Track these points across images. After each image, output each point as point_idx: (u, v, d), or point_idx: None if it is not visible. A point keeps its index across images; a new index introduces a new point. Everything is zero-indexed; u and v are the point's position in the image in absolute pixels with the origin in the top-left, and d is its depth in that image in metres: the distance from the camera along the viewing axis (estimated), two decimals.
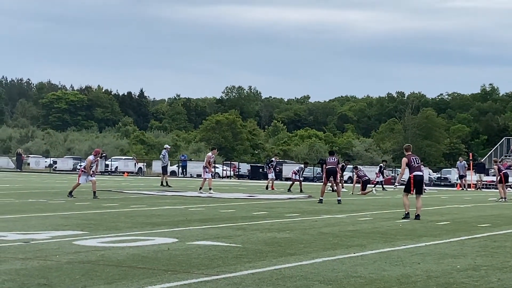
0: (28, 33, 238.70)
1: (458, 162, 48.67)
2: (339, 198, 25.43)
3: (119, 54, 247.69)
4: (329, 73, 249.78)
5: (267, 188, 36.83)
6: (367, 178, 36.18)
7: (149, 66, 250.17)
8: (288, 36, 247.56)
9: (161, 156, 40.32)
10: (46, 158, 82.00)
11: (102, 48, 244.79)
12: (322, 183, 27.00)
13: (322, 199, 25.24)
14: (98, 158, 26.01)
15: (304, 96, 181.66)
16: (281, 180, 57.75)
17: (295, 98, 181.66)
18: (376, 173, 41.59)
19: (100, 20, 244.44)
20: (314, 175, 61.00)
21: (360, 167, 42.31)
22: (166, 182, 37.18)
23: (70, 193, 24.79)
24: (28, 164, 76.61)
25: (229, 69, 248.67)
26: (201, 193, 29.16)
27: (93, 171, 25.01)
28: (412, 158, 18.95)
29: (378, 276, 9.08)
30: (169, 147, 42.50)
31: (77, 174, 27.02)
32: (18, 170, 69.30)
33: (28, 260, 9.69)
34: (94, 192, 24.65)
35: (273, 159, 41.74)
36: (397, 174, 54.66)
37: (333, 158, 26.32)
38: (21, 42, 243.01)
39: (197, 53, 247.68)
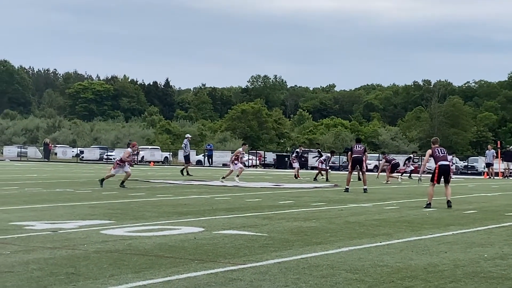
0: (55, 24, 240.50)
1: (487, 150, 48.25)
2: (365, 187, 25.33)
3: (144, 43, 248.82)
4: (355, 61, 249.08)
5: (295, 177, 36.71)
6: (396, 161, 36.32)
7: (175, 56, 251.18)
8: (314, 25, 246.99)
9: (182, 145, 40.52)
10: (73, 148, 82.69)
11: (127, 38, 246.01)
12: (348, 172, 26.90)
13: (348, 188, 25.16)
14: (136, 151, 26.30)
15: (329, 84, 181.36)
16: (307, 169, 57.69)
17: (321, 86, 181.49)
18: (405, 163, 41.45)
19: (126, 10, 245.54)
20: (340, 164, 60.85)
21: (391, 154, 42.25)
22: (187, 171, 37.17)
23: (102, 181, 24.91)
24: (56, 154, 77.28)
25: (255, 58, 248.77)
26: (222, 182, 29.18)
27: (129, 163, 25.33)
28: (437, 149, 19.01)
29: (404, 265, 9.05)
30: (191, 136, 42.54)
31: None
32: (46, 160, 69.95)
33: (56, 249, 9.77)
34: (123, 181, 24.77)
35: (298, 149, 41.72)
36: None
37: (359, 146, 26.15)
38: (48, 33, 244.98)
39: (223, 42, 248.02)
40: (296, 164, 38.60)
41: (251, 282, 7.74)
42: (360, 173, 28.91)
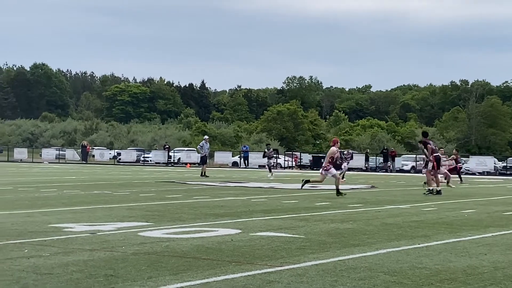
0: (92, 27, 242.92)
1: None
2: (432, 188, 23.85)
3: (180, 46, 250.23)
4: (391, 61, 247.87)
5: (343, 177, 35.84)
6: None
7: (210, 58, 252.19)
8: (350, 25, 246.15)
9: (198, 146, 40.72)
10: (110, 150, 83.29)
11: (164, 40, 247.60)
12: (423, 172, 25.50)
13: (440, 190, 23.72)
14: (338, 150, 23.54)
15: (365, 85, 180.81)
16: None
17: (357, 87, 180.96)
18: None
19: (162, 13, 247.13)
20: (377, 165, 60.50)
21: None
22: (204, 172, 37.24)
23: (338, 191, 22.55)
24: (93, 156, 77.92)
25: (290, 59, 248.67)
26: (453, 187, 28.28)
27: (341, 164, 22.76)
28: None
29: (443, 267, 8.96)
30: (208, 137, 42.54)
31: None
32: (84, 162, 70.59)
33: (95, 251, 9.84)
34: (338, 190, 22.52)
35: (345, 151, 41.05)
36: (464, 164, 53.95)
37: (434, 144, 24.69)
38: (85, 36, 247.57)
39: (258, 43, 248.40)
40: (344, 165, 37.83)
41: (289, 285, 7.72)
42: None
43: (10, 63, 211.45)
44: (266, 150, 42.78)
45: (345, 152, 40.48)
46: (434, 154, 24.42)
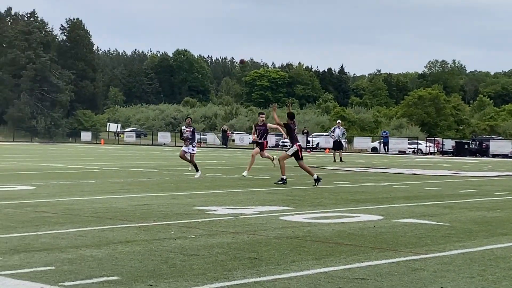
0: (232, 13, 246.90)
1: None
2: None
3: (319, 30, 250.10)
4: None
5: None
6: None
7: (349, 42, 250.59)
8: (494, 7, 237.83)
9: (329, 131, 40.68)
10: (249, 134, 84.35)
11: (302, 25, 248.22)
12: None
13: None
14: None
15: None
16: (488, 156, 55.73)
17: (503, 71, 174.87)
18: None
19: None
20: None
21: None
22: (336, 157, 37.08)
23: None
24: (233, 140, 79.23)
25: (432, 43, 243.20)
26: None
27: None
28: None
29: None
30: (341, 122, 42.15)
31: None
32: (224, 146, 72.00)
33: (238, 234, 9.98)
34: None
35: None
36: None
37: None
38: (225, 22, 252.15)
39: (398, 27, 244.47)
40: None
41: (435, 273, 7.53)
42: None
43: (154, 49, 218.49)
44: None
45: None
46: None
